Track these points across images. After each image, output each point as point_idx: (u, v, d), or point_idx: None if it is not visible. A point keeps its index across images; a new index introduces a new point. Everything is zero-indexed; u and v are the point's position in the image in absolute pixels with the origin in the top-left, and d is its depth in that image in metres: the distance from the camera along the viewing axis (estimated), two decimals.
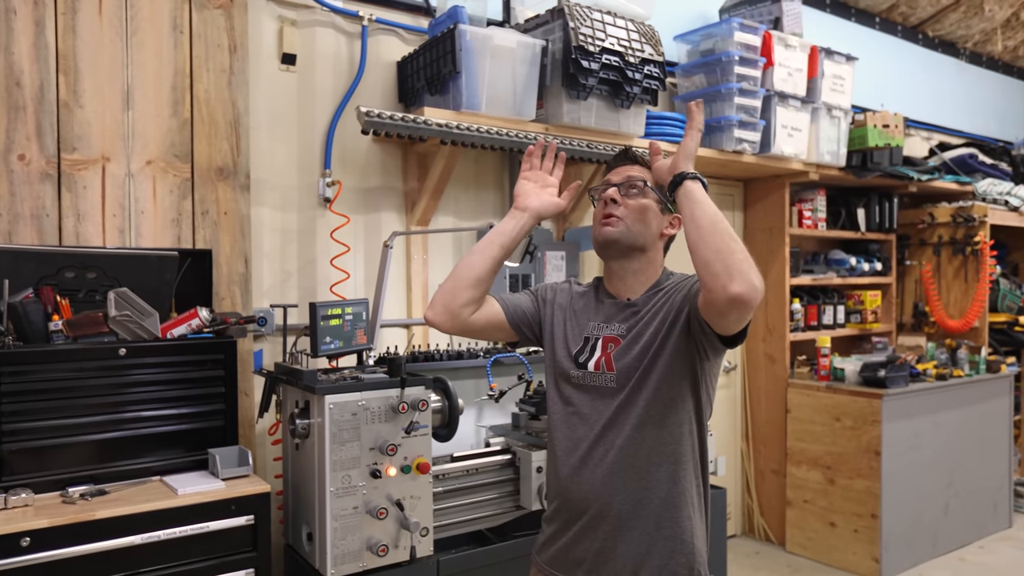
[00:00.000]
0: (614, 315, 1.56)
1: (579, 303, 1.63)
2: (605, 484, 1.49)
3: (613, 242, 1.53)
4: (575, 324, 1.60)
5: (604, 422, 1.50)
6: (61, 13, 2.21)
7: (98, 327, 2.03)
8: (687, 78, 3.60)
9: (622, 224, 1.52)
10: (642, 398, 1.48)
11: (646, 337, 1.49)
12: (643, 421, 1.47)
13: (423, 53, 2.79)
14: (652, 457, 1.48)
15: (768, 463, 4.19)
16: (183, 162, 2.40)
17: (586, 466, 1.51)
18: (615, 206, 1.54)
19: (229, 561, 1.97)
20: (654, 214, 1.55)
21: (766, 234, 4.13)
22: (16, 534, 1.69)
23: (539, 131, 2.85)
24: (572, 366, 1.56)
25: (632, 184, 1.54)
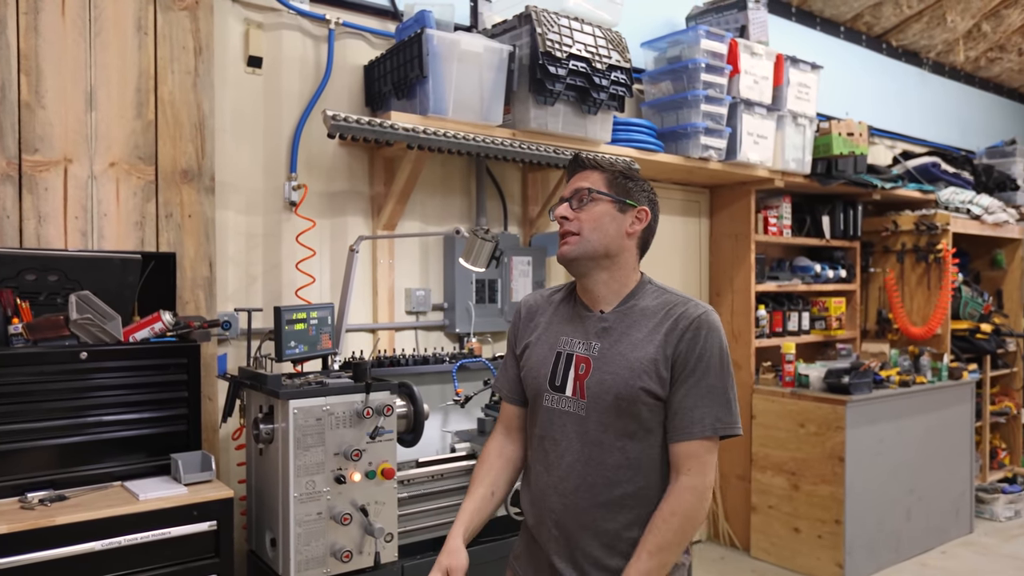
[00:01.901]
0: (587, 330, 1.55)
1: (556, 315, 1.63)
2: (577, 504, 1.51)
3: (573, 261, 1.54)
4: (549, 339, 1.60)
5: (575, 450, 1.52)
6: (23, 13, 2.25)
7: (59, 330, 2.07)
8: (654, 85, 3.73)
9: (579, 240, 1.52)
10: (610, 429, 1.49)
11: (618, 367, 1.49)
12: (611, 452, 1.49)
13: (390, 57, 2.87)
14: (622, 482, 1.49)
15: (733, 469, 4.33)
16: (147, 164, 2.44)
17: (559, 487, 1.53)
18: (568, 222, 1.54)
19: (191, 567, 2.02)
20: (611, 217, 1.53)
21: (732, 240, 4.28)
22: None
23: (506, 136, 2.94)
24: (547, 388, 1.57)
25: (582, 195, 1.54)
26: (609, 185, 1.55)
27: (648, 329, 1.50)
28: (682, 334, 1.48)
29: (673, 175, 3.96)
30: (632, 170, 1.62)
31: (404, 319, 3.11)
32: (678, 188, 4.25)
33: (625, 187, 1.56)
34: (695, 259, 4.37)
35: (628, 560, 1.47)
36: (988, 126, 6.25)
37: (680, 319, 1.49)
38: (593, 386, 1.50)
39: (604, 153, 3.22)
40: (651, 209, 1.59)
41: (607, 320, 1.54)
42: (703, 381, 1.46)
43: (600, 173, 1.56)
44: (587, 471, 1.51)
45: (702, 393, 1.46)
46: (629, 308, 1.54)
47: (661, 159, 3.50)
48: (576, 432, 1.52)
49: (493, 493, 1.67)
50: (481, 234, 2.48)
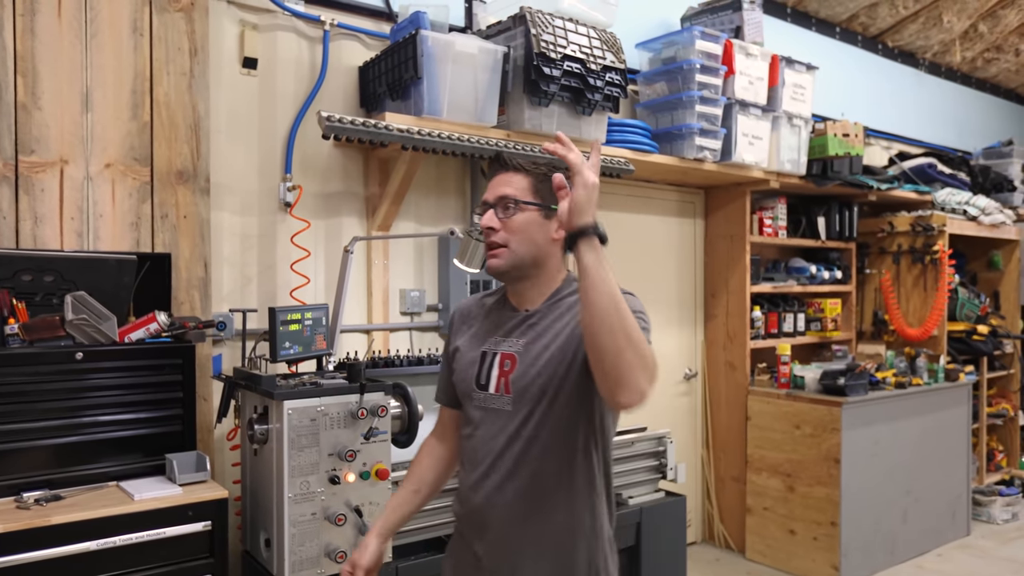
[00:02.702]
0: (513, 328, 1.57)
1: (487, 318, 1.65)
2: (501, 507, 1.53)
3: (502, 274, 1.55)
4: (478, 341, 1.62)
5: (500, 446, 1.54)
6: (20, 14, 2.29)
7: (55, 331, 2.11)
8: (648, 86, 3.78)
9: (506, 252, 1.52)
10: (535, 423, 1.50)
11: (543, 359, 1.50)
12: (537, 447, 1.50)
13: (385, 58, 2.91)
14: (547, 485, 1.50)
15: (728, 470, 4.38)
16: (142, 165, 2.48)
17: (484, 488, 1.55)
18: (495, 233, 1.52)
19: (186, 567, 2.06)
20: (538, 226, 1.52)
21: (727, 241, 4.33)
22: None
23: (500, 137, 2.99)
24: (474, 387, 1.59)
25: (507, 203, 1.52)
26: (534, 191, 1.53)
27: (569, 317, 1.51)
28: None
29: (668, 176, 4.01)
30: (555, 171, 1.53)
31: (399, 320, 3.16)
32: (673, 189, 4.30)
33: (549, 190, 1.51)
34: (690, 260, 4.42)
35: (560, 553, 1.51)
36: (985, 127, 6.32)
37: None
38: (517, 380, 1.52)
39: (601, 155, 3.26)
40: None
41: (532, 317, 1.56)
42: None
43: (524, 176, 1.53)
44: (512, 465, 1.53)
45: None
46: (554, 303, 1.56)
47: (656, 160, 3.55)
48: (500, 427, 1.54)
49: (418, 491, 1.72)
50: (475, 235, 2.52)
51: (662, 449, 2.90)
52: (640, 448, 2.86)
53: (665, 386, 4.31)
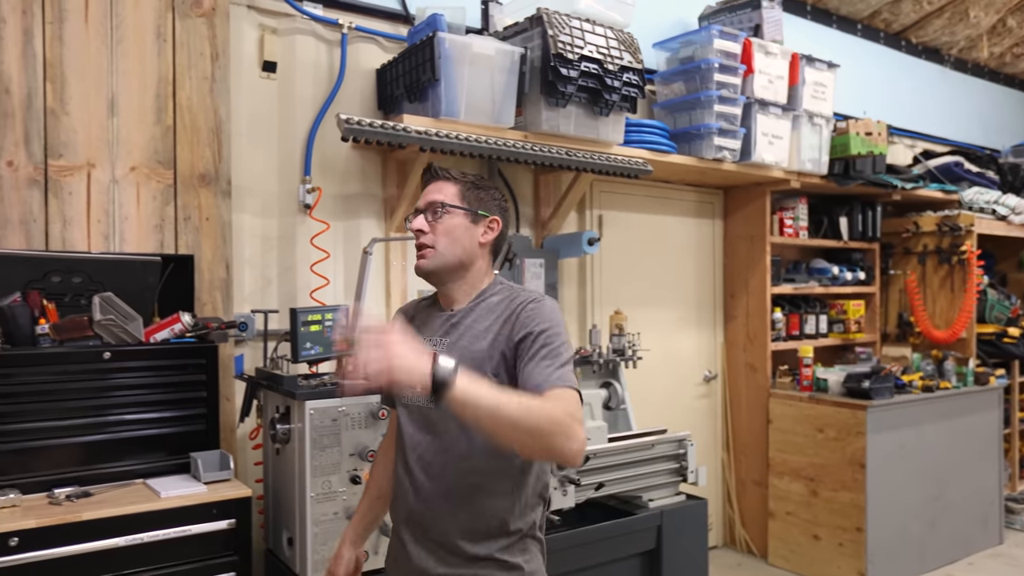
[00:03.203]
0: (438, 328, 1.66)
1: (419, 319, 1.73)
2: (431, 496, 1.60)
3: (430, 274, 1.64)
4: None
5: (428, 447, 1.61)
6: (49, 22, 2.40)
7: (83, 331, 2.21)
8: (666, 85, 3.84)
9: (434, 254, 1.61)
10: (458, 422, 1.54)
11: (466, 359, 1.53)
12: (462, 445, 1.57)
13: (402, 61, 3.00)
14: (474, 469, 1.57)
15: (750, 474, 4.42)
16: (166, 168, 2.58)
17: (414, 481, 1.63)
18: (424, 235, 1.62)
19: (211, 564, 2.14)
20: (464, 229, 1.63)
21: (747, 242, 4.38)
22: (5, 534, 1.86)
23: (518, 138, 3.07)
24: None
25: (435, 208, 1.63)
26: (462, 197, 1.65)
27: (491, 320, 1.60)
28: (518, 316, 1.57)
29: (686, 176, 4.07)
30: (483, 180, 1.71)
31: None
32: (691, 189, 4.35)
33: (477, 198, 1.66)
34: (708, 261, 4.47)
35: (491, 543, 1.57)
36: (1013, 124, 6.32)
37: (518, 306, 1.59)
38: None
39: (617, 155, 3.33)
40: (502, 217, 1.69)
41: (455, 316, 1.65)
42: (545, 347, 1.52)
43: (453, 185, 1.66)
44: (437, 461, 1.60)
45: (541, 358, 1.51)
46: (476, 304, 1.64)
47: (674, 160, 3.61)
48: (425, 425, 1.62)
49: (380, 496, 1.82)
50: None
51: (682, 452, 2.95)
52: (660, 450, 2.91)
53: (684, 388, 4.36)
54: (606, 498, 2.87)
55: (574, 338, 3.81)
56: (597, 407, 3.08)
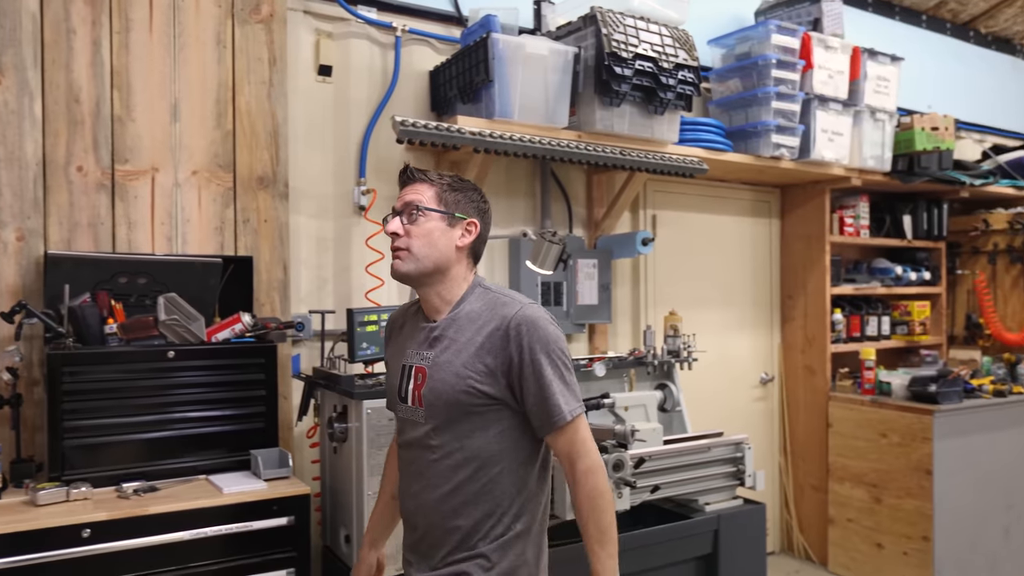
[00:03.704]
0: (423, 339, 1.67)
1: (407, 328, 1.75)
2: (426, 506, 1.63)
3: (404, 277, 1.63)
4: (401, 352, 1.72)
5: (419, 457, 1.65)
6: (116, 32, 2.49)
7: (149, 330, 2.29)
8: (722, 83, 3.80)
9: (410, 257, 1.61)
10: (448, 436, 1.60)
11: (448, 373, 1.59)
12: (452, 459, 1.60)
13: (455, 62, 3.03)
14: (466, 481, 1.60)
15: (808, 478, 4.34)
16: (226, 172, 2.66)
17: (411, 490, 1.67)
18: (399, 238, 1.62)
19: (270, 560, 2.20)
20: (441, 233, 1.62)
21: (804, 242, 4.30)
22: (78, 525, 1.94)
23: (571, 138, 3.07)
24: (397, 399, 1.70)
25: (411, 210, 1.62)
26: (438, 199, 1.63)
27: (472, 332, 1.60)
28: (505, 335, 1.57)
29: (742, 175, 4.01)
30: (460, 182, 1.69)
31: None
32: (747, 188, 4.30)
33: (454, 200, 1.64)
34: (765, 261, 4.40)
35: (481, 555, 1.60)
36: None
37: (502, 321, 1.58)
38: (427, 394, 1.61)
39: (673, 154, 3.31)
40: (480, 220, 1.68)
41: (436, 328, 1.64)
42: (543, 375, 1.56)
43: (429, 186, 1.64)
44: (431, 474, 1.62)
45: (545, 386, 1.56)
46: (456, 315, 1.64)
47: (730, 159, 3.57)
48: (418, 438, 1.64)
49: (395, 496, 1.84)
50: (548, 236, 2.61)
51: (739, 455, 2.91)
52: (717, 454, 2.88)
53: (740, 390, 4.30)
54: (661, 501, 2.85)
55: (627, 339, 3.80)
56: (652, 409, 3.06)
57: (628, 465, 2.53)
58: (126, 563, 1.99)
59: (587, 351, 3.58)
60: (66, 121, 2.43)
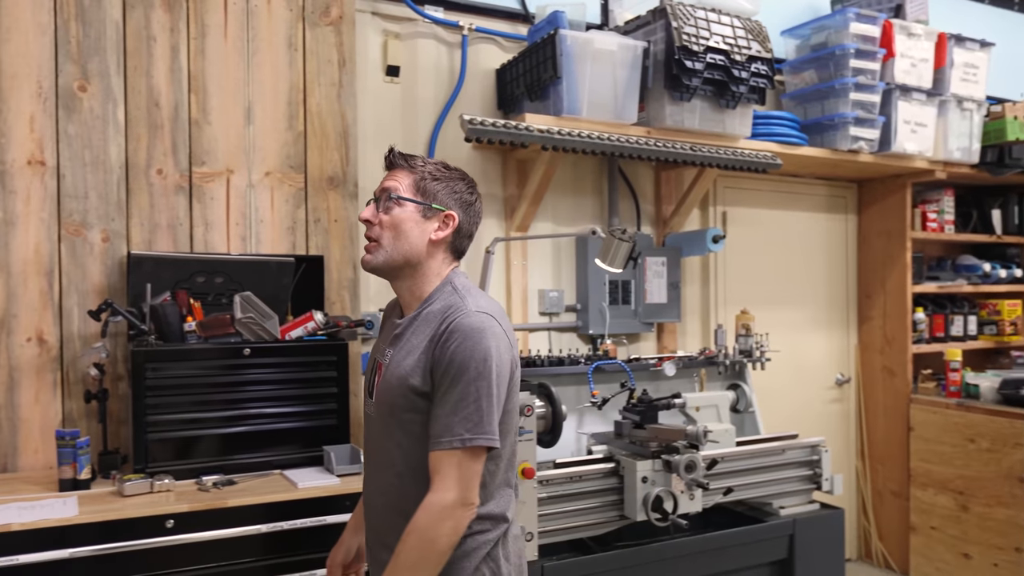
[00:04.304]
0: (389, 336, 1.61)
1: (387, 323, 1.70)
2: (374, 505, 1.59)
3: (373, 269, 1.55)
4: (376, 347, 1.68)
5: (374, 452, 1.60)
6: (193, 38, 2.58)
7: (226, 328, 2.36)
8: (796, 75, 3.70)
9: (379, 249, 1.53)
10: (395, 434, 1.52)
11: (396, 373, 1.51)
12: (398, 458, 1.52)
13: (522, 60, 3.04)
14: (401, 488, 1.52)
15: (887, 484, 4.19)
16: (297, 173, 2.73)
17: (367, 486, 1.64)
18: (371, 227, 1.54)
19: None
20: (413, 224, 1.52)
21: (884, 238, 4.15)
22: (162, 516, 2.01)
23: (640, 134, 3.04)
24: (366, 394, 1.65)
25: (386, 198, 1.53)
26: (415, 188, 1.53)
27: (424, 335, 1.50)
28: (440, 339, 1.46)
29: (817, 169, 3.91)
30: (444, 171, 1.58)
31: (537, 320, 3.27)
32: (822, 183, 4.18)
33: (432, 190, 1.54)
34: (840, 259, 4.27)
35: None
36: None
37: (443, 323, 1.48)
38: (380, 392, 1.55)
39: (745, 148, 3.25)
40: (462, 213, 1.57)
41: (398, 326, 1.57)
42: (453, 389, 1.44)
43: (409, 173, 1.55)
44: (379, 476, 1.58)
45: (452, 401, 1.44)
46: (418, 314, 1.54)
47: (805, 153, 3.48)
48: (371, 435, 1.61)
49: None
50: (618, 234, 2.59)
51: (816, 458, 2.84)
52: (791, 456, 2.81)
53: (814, 392, 4.19)
54: (733, 504, 2.80)
55: (695, 338, 3.75)
56: (724, 410, 3.00)
57: (700, 466, 2.50)
58: (206, 553, 2.06)
59: (655, 350, 3.54)
60: (147, 126, 2.53)
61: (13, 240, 2.38)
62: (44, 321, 2.41)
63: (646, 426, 2.64)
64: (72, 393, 2.43)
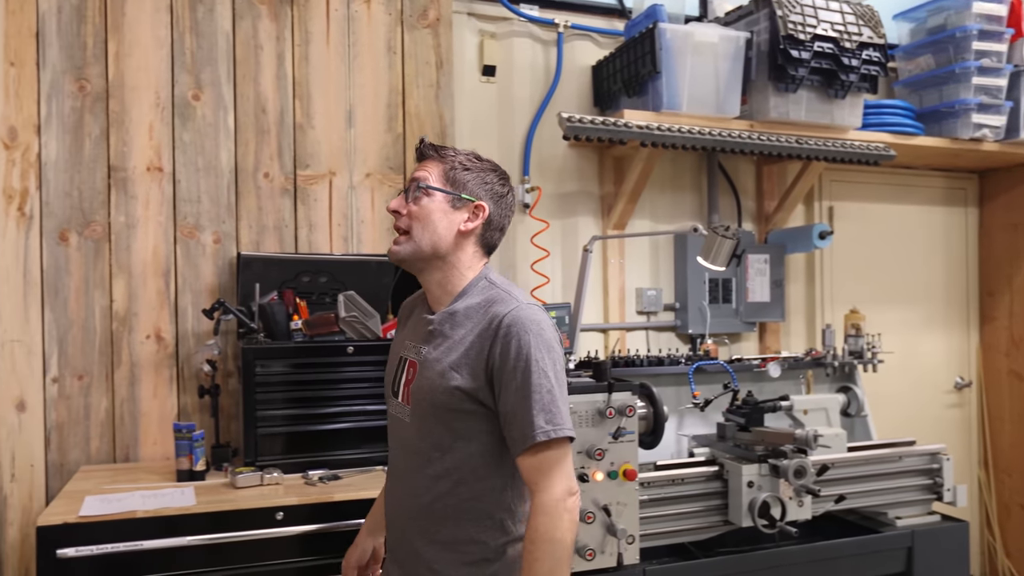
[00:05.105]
0: (420, 333, 1.56)
1: (412, 318, 1.65)
2: (408, 512, 1.54)
3: (400, 261, 1.53)
4: (400, 343, 1.64)
5: (403, 459, 1.56)
6: (297, 45, 2.67)
7: (330, 327, 2.42)
8: (910, 60, 3.51)
9: (407, 240, 1.51)
10: (431, 439, 1.49)
11: (436, 371, 1.48)
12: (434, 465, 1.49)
13: (619, 55, 3.00)
14: (445, 493, 1.49)
15: (1015, 496, 3.92)
16: (396, 173, 2.78)
17: (395, 492, 1.59)
18: (399, 218, 1.53)
19: None
20: (442, 215, 1.50)
21: (1009, 232, 3.89)
22: (272, 508, 2.07)
23: (743, 128, 2.95)
24: (390, 392, 1.62)
25: (415, 188, 1.52)
26: (444, 178, 1.52)
27: (466, 330, 1.47)
28: (494, 336, 1.43)
29: (933, 160, 3.70)
30: (475, 161, 1.56)
31: (635, 319, 3.22)
32: (939, 175, 3.95)
33: (462, 180, 1.52)
34: (959, 254, 4.03)
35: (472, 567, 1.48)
36: None
37: (492, 319, 1.45)
38: (416, 392, 1.50)
39: (855, 140, 3.11)
40: (492, 204, 1.54)
41: (433, 322, 1.52)
42: (526, 384, 1.41)
43: (439, 163, 1.53)
44: (412, 480, 1.52)
45: (524, 396, 1.41)
46: (455, 309, 1.51)
47: (921, 143, 3.29)
48: (402, 439, 1.55)
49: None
50: (721, 231, 2.51)
51: (936, 467, 2.68)
52: (909, 464, 2.67)
53: (930, 396, 3.96)
54: (844, 513, 2.68)
55: (800, 338, 3.61)
56: (834, 413, 2.88)
57: (810, 472, 2.40)
58: (313, 546, 2.11)
59: (757, 351, 3.43)
60: (254, 131, 2.63)
61: (134, 243, 2.51)
62: (161, 319, 2.53)
63: (752, 429, 2.56)
64: (186, 388, 2.55)
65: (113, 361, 2.49)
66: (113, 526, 1.91)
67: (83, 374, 2.46)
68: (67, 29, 2.45)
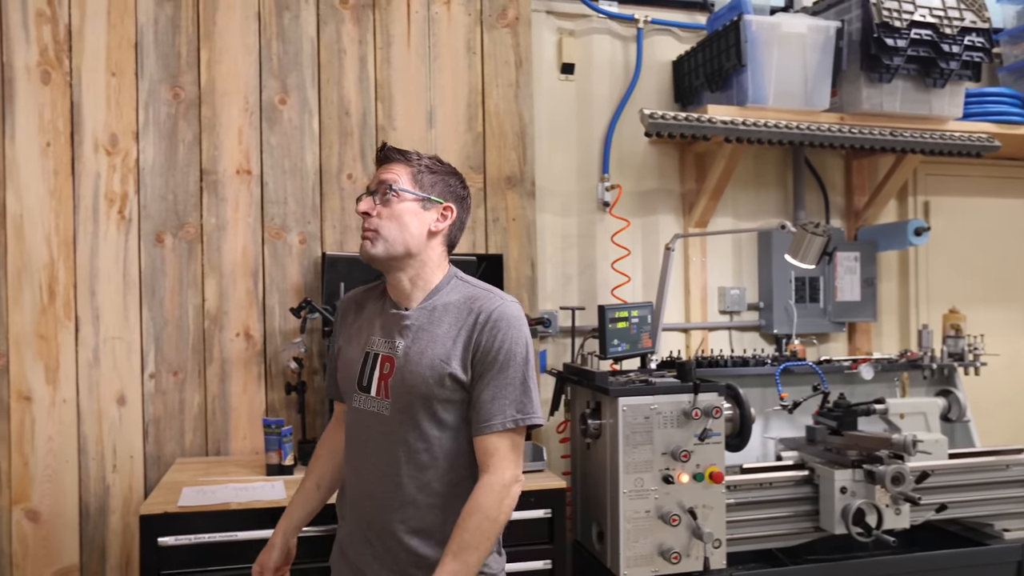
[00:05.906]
0: (392, 327, 1.59)
1: (370, 313, 1.67)
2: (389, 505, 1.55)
3: (372, 260, 1.57)
4: (360, 339, 1.64)
5: (381, 447, 1.56)
6: (379, 48, 2.71)
7: None
8: (1016, 45, 3.33)
9: (378, 239, 1.55)
10: (416, 430, 1.53)
11: (422, 365, 1.53)
12: (420, 455, 1.53)
13: (702, 50, 2.94)
14: (431, 480, 1.53)
15: None
16: (476, 173, 2.79)
17: (369, 489, 1.58)
18: (369, 219, 1.57)
19: (528, 551, 2.24)
20: (413, 215, 1.56)
21: None
22: None
23: (833, 121, 2.85)
24: (355, 388, 1.62)
25: (385, 190, 1.56)
26: (413, 180, 1.57)
27: (449, 324, 1.55)
28: (481, 328, 1.53)
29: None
30: (440, 164, 1.62)
31: (717, 319, 3.16)
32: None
33: (431, 182, 1.58)
34: None
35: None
36: None
37: (480, 313, 1.54)
38: (397, 384, 1.54)
39: (954, 131, 2.96)
40: (458, 206, 1.62)
41: (410, 317, 1.57)
42: (503, 374, 1.52)
43: (405, 166, 1.58)
44: (393, 471, 1.55)
45: (501, 385, 1.52)
46: (433, 304, 1.58)
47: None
48: (381, 432, 1.57)
49: (319, 486, 1.77)
50: (811, 228, 2.44)
51: None
52: (1017, 473, 2.53)
53: None
54: (945, 523, 2.56)
55: (893, 339, 3.46)
56: (934, 418, 2.75)
57: (909, 479, 2.30)
58: None
59: (846, 352, 3.31)
60: (338, 133, 2.68)
61: (224, 243, 2.60)
62: (250, 318, 2.61)
63: (844, 433, 2.47)
64: (274, 385, 2.62)
65: (205, 358, 2.58)
66: (209, 517, 1.99)
67: (178, 370, 2.55)
68: (163, 39, 2.56)
